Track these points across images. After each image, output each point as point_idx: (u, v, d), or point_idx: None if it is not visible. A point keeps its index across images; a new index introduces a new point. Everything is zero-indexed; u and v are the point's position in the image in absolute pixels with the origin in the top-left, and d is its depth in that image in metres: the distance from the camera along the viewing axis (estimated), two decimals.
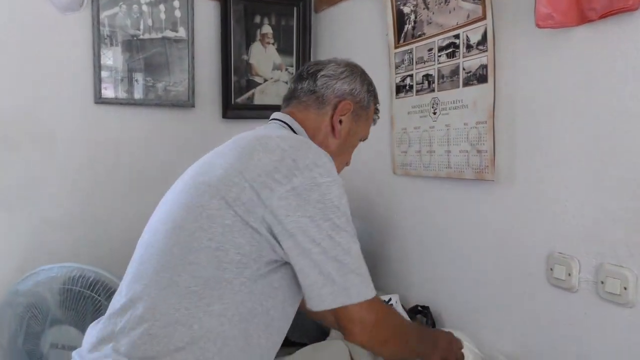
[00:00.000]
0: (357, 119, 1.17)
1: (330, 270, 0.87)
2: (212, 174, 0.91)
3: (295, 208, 0.87)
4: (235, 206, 0.87)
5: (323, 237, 0.87)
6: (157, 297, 0.86)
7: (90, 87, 1.87)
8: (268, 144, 0.92)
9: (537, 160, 1.26)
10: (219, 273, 0.86)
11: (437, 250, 1.62)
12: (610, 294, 1.09)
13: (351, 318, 0.89)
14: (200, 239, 0.87)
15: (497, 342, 1.40)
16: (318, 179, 0.89)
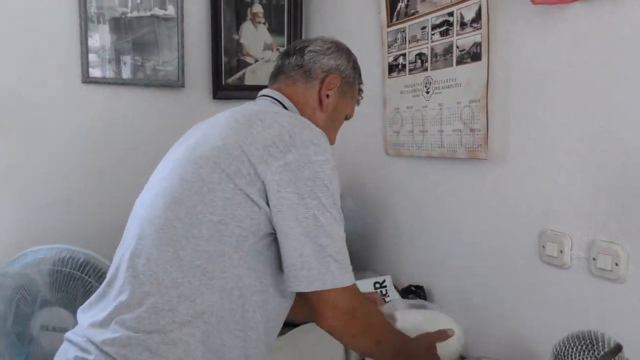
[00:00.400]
0: (343, 95, 1.18)
1: (309, 252, 0.88)
2: (209, 147, 0.91)
3: (287, 183, 0.88)
4: (236, 179, 0.87)
5: (308, 216, 0.88)
6: (161, 272, 0.86)
7: (78, 66, 1.84)
8: (266, 118, 0.93)
9: (530, 139, 1.25)
10: (221, 246, 0.87)
11: (430, 230, 1.62)
12: (601, 270, 1.10)
13: (324, 301, 0.90)
14: (202, 212, 0.87)
15: (488, 320, 1.41)
16: (312, 157, 0.90)
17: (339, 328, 0.93)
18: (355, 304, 0.94)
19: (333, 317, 0.91)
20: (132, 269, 0.89)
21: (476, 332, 1.46)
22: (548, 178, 1.22)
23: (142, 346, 0.83)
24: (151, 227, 0.90)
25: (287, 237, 0.89)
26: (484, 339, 1.44)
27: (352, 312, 0.93)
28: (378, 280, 1.70)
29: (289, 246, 0.89)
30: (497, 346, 1.38)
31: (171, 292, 0.85)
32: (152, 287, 0.86)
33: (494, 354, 1.33)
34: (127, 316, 0.85)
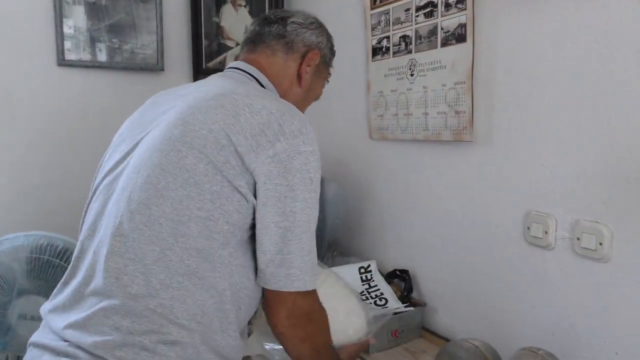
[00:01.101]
0: (318, 74, 1.14)
1: (292, 250, 0.84)
2: (193, 134, 0.83)
3: (276, 175, 0.83)
4: (224, 170, 0.82)
5: (295, 210, 0.84)
6: (147, 273, 0.80)
7: (53, 49, 1.78)
8: (253, 104, 0.86)
9: (516, 120, 1.26)
10: (210, 244, 0.82)
11: (415, 214, 1.62)
12: (585, 249, 1.11)
13: (284, 301, 0.87)
14: (189, 208, 0.81)
15: (474, 302, 1.42)
16: (301, 147, 0.85)
17: (290, 330, 0.89)
18: (315, 308, 0.92)
19: (288, 317, 0.88)
20: (113, 269, 0.81)
21: (461, 314, 1.47)
22: (533, 160, 1.22)
23: (138, 346, 0.78)
24: (132, 224, 0.82)
25: (267, 231, 0.84)
26: (468, 321, 1.44)
27: (310, 315, 0.91)
28: (363, 266, 1.70)
29: (269, 241, 0.84)
30: (481, 327, 1.39)
31: (161, 294, 0.80)
32: (140, 289, 0.80)
33: (479, 335, 1.33)
34: (116, 318, 0.79)
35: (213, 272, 0.83)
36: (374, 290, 1.63)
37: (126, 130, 0.98)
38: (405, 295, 1.59)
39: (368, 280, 1.67)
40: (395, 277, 1.67)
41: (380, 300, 1.59)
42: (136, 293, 0.79)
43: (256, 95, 0.90)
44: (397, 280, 1.67)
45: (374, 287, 1.64)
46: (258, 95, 0.90)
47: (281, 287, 0.85)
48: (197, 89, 0.93)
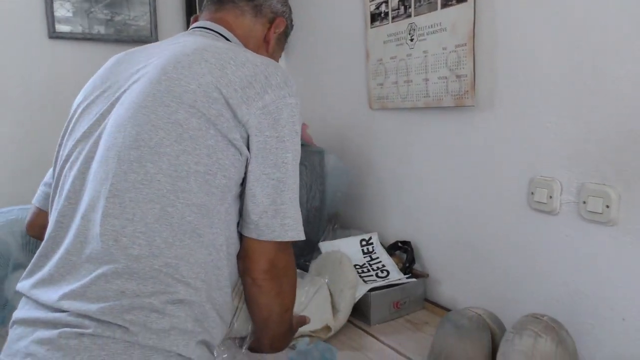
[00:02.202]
0: (278, 44, 1.11)
1: (286, 200, 0.84)
2: (181, 89, 0.80)
3: (266, 127, 0.82)
4: (218, 124, 0.80)
5: (286, 161, 0.83)
6: (150, 232, 0.76)
7: (43, 20, 1.74)
8: (238, 57, 0.85)
9: (519, 82, 1.21)
10: (209, 199, 0.80)
11: (416, 184, 1.58)
12: (591, 213, 1.07)
13: (267, 252, 0.84)
14: (187, 163, 0.78)
15: (477, 271, 1.39)
16: (287, 99, 0.85)
17: (269, 282, 0.87)
18: (291, 262, 0.91)
19: (269, 269, 0.86)
20: (110, 232, 0.76)
21: (464, 285, 1.44)
22: (537, 122, 1.18)
23: (147, 309, 0.75)
24: (126, 184, 0.78)
25: (260, 183, 0.83)
26: (472, 291, 1.42)
27: (286, 270, 0.89)
28: (364, 238, 1.67)
29: (262, 192, 0.83)
30: (485, 297, 1.36)
31: (166, 253, 0.77)
32: (143, 250, 0.76)
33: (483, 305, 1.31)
34: (119, 282, 0.75)
35: (211, 228, 0.81)
36: (376, 263, 1.60)
37: (93, 93, 0.93)
38: (407, 266, 1.56)
39: (369, 252, 1.64)
40: (397, 249, 1.64)
41: (381, 272, 1.56)
42: (139, 254, 0.76)
43: (237, 49, 0.88)
44: (399, 252, 1.64)
45: (375, 259, 1.62)
46: (241, 49, 0.89)
47: (276, 237, 0.83)
48: (171, 46, 0.90)
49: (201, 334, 0.80)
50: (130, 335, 0.73)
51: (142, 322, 0.74)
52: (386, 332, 1.39)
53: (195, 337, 0.78)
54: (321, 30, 1.95)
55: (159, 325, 0.75)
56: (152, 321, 0.75)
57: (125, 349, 0.73)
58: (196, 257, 0.79)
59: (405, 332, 1.40)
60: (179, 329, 0.77)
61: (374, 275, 1.55)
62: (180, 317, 0.77)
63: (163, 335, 0.75)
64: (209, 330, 0.82)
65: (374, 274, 1.56)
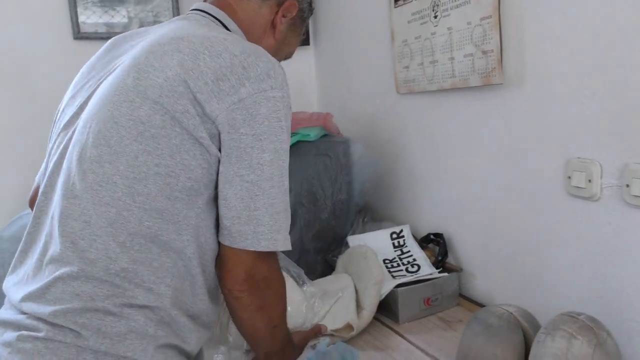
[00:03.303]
0: (293, 29, 1.01)
1: (260, 205, 0.75)
2: (147, 83, 0.74)
3: (240, 123, 0.74)
4: (183, 121, 0.73)
5: (262, 162, 0.75)
6: (105, 236, 0.73)
7: (67, 22, 1.75)
8: (214, 46, 0.76)
9: (550, 55, 1.09)
10: (172, 204, 0.74)
11: (447, 172, 1.48)
12: (636, 197, 0.94)
13: (243, 261, 0.77)
14: (146, 164, 0.73)
15: (511, 265, 1.28)
16: (268, 92, 0.76)
17: (248, 295, 0.79)
18: (274, 273, 0.82)
19: (247, 280, 0.78)
20: (69, 234, 0.73)
21: (500, 279, 1.33)
22: (571, 99, 1.06)
23: (102, 312, 0.71)
24: (84, 184, 0.74)
25: (232, 185, 0.75)
26: (508, 286, 1.31)
27: (268, 281, 0.81)
28: (395, 231, 1.58)
29: (234, 196, 0.75)
30: (522, 292, 1.25)
31: (122, 257, 0.72)
32: (99, 254, 0.72)
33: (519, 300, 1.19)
34: (75, 284, 0.72)
35: (179, 234, 0.75)
36: (407, 257, 1.51)
37: (80, 82, 0.89)
38: (439, 260, 1.46)
39: (400, 246, 1.55)
40: (429, 242, 1.54)
41: (412, 266, 1.47)
42: (95, 258, 0.72)
43: (217, 37, 0.79)
44: (431, 245, 1.54)
45: (406, 252, 1.53)
46: (220, 37, 0.79)
47: (248, 245, 0.75)
48: (155, 32, 0.84)
49: (165, 337, 0.75)
50: (81, 340, 0.69)
51: (95, 325, 0.70)
52: (415, 331, 1.31)
53: (155, 342, 0.73)
54: (346, 14, 1.86)
55: (114, 329, 0.71)
56: (107, 325, 0.71)
57: (77, 353, 0.69)
58: (161, 261, 0.74)
59: (436, 330, 1.31)
60: (137, 333, 0.72)
61: (404, 270, 1.46)
62: (138, 321, 0.72)
63: (117, 339, 0.71)
64: (179, 335, 0.77)
65: (403, 269, 1.47)
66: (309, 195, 1.58)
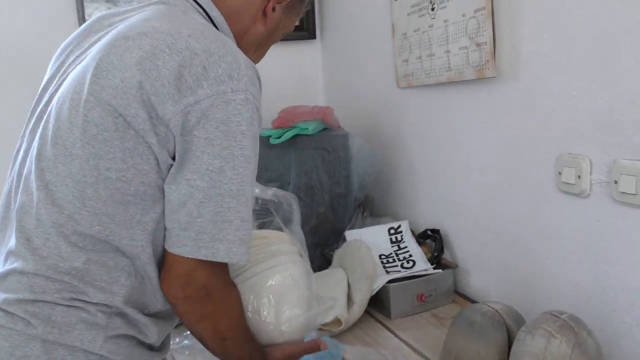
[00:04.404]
0: (289, 12, 0.96)
1: (205, 212, 0.71)
2: (104, 82, 0.72)
3: (193, 126, 0.70)
4: (135, 125, 0.70)
5: (213, 168, 0.71)
6: (55, 235, 0.72)
7: (74, 13, 1.77)
8: (176, 44, 0.71)
9: (543, 47, 1.06)
10: (124, 209, 0.72)
11: (444, 167, 1.46)
12: (623, 194, 0.91)
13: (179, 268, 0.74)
14: (97, 168, 0.71)
15: (507, 261, 1.25)
16: (228, 95, 0.71)
17: (184, 303, 0.76)
18: (216, 284, 0.77)
19: (183, 288, 0.75)
20: (24, 229, 0.74)
21: (494, 276, 1.31)
22: (563, 93, 1.03)
23: (52, 302, 0.71)
24: (40, 182, 0.74)
25: (178, 187, 0.72)
26: (501, 283, 1.28)
27: (209, 291, 0.76)
28: (393, 226, 1.57)
29: (177, 200, 0.72)
30: (514, 290, 1.23)
31: (74, 257, 0.72)
32: (51, 252, 0.72)
33: (511, 298, 1.17)
34: (27, 278, 0.72)
35: (132, 240, 0.73)
36: (403, 252, 1.50)
37: (53, 67, 0.87)
38: (435, 256, 1.44)
39: (398, 241, 1.54)
40: (427, 238, 1.52)
41: (407, 262, 1.46)
42: (47, 256, 0.72)
43: (181, 33, 0.74)
44: (429, 241, 1.52)
45: (403, 248, 1.51)
46: (185, 33, 0.74)
47: (185, 252, 0.72)
48: (128, 19, 0.81)
49: (119, 329, 0.74)
50: (30, 328, 0.70)
51: (45, 314, 0.71)
52: (407, 327, 1.29)
53: (106, 332, 0.73)
54: (351, 7, 1.85)
55: (64, 319, 0.71)
56: (57, 314, 0.71)
57: (26, 341, 0.70)
58: (116, 261, 0.73)
59: (427, 327, 1.29)
60: (88, 323, 0.72)
61: (399, 265, 1.45)
62: (90, 312, 0.72)
63: (66, 329, 0.71)
64: (137, 328, 0.76)
65: (399, 265, 1.45)
66: (306, 189, 1.58)
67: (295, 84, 2.10)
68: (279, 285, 0.90)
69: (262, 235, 1.02)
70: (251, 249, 0.95)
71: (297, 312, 0.90)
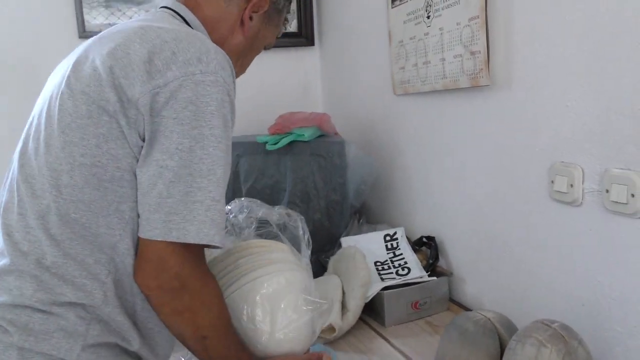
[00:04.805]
0: (268, 22, 0.98)
1: (175, 192, 0.70)
2: (79, 73, 0.74)
3: (161, 106, 0.71)
4: (108, 109, 0.72)
5: (183, 148, 0.71)
6: (36, 228, 0.73)
7: (73, 19, 1.78)
8: (146, 34, 0.74)
9: (536, 57, 1.06)
10: (101, 195, 0.72)
11: (439, 174, 1.46)
12: (615, 203, 0.91)
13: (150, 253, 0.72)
14: (72, 155, 0.72)
15: (501, 269, 1.25)
16: (197, 76, 0.72)
17: (158, 293, 0.74)
18: (191, 272, 0.74)
19: (156, 277, 0.73)
20: (7, 226, 0.75)
21: (488, 284, 1.31)
22: (557, 102, 1.03)
23: (31, 308, 0.71)
24: (21, 176, 0.76)
25: (148, 169, 0.71)
26: (495, 291, 1.28)
27: (183, 280, 0.73)
28: (389, 233, 1.57)
29: (147, 181, 0.71)
30: (508, 298, 1.22)
31: (52, 251, 0.72)
32: (31, 246, 0.72)
33: (505, 307, 1.17)
34: (9, 279, 0.72)
35: (110, 228, 0.73)
36: (398, 259, 1.50)
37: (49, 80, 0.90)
38: (430, 263, 1.44)
39: (393, 248, 1.54)
40: (422, 245, 1.52)
41: (402, 269, 1.46)
42: (27, 250, 0.72)
43: (152, 26, 0.77)
44: (424, 248, 1.52)
45: (398, 255, 1.51)
46: (156, 25, 0.77)
47: (156, 235, 0.71)
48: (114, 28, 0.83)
49: (99, 336, 0.74)
50: (7, 336, 0.70)
51: (23, 322, 0.71)
52: (401, 335, 1.29)
53: (85, 340, 0.73)
54: (349, 14, 1.86)
55: (42, 327, 0.71)
56: (35, 322, 0.71)
57: (3, 349, 0.70)
58: (95, 257, 0.73)
59: (421, 335, 1.29)
60: (66, 331, 0.72)
61: (394, 272, 1.45)
62: (69, 319, 0.72)
63: (43, 337, 0.71)
64: (119, 334, 0.76)
65: (394, 272, 1.45)
66: (302, 195, 1.58)
67: (294, 90, 2.11)
68: (274, 291, 0.88)
69: (262, 243, 1.02)
70: (250, 256, 0.96)
71: (293, 316, 0.88)
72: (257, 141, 1.60)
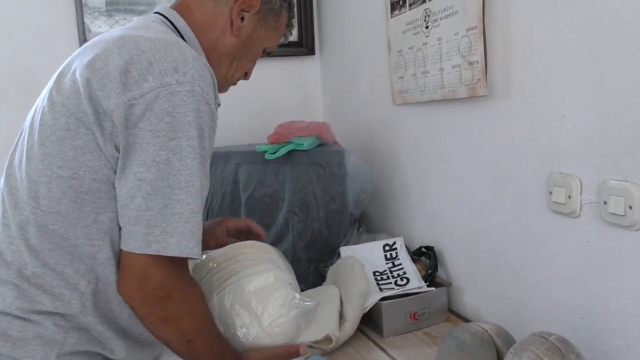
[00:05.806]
0: (263, 23, 0.96)
1: (154, 205, 0.71)
2: (60, 86, 0.75)
3: (137, 118, 0.71)
4: (85, 121, 0.72)
5: (160, 160, 0.70)
6: (17, 239, 0.74)
7: (74, 28, 1.79)
8: (125, 44, 0.74)
9: (534, 68, 1.06)
10: (78, 207, 0.73)
11: (438, 184, 1.45)
12: (613, 215, 0.91)
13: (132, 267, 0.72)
14: (50, 167, 0.73)
15: (500, 280, 1.24)
16: (173, 87, 0.71)
17: (142, 304, 0.74)
18: (174, 282, 0.75)
19: (139, 288, 0.73)
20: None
21: (487, 295, 1.30)
22: (554, 112, 1.03)
23: (11, 315, 0.72)
24: (6, 187, 0.77)
25: (126, 182, 0.71)
26: (494, 303, 1.27)
27: (167, 290, 0.74)
28: (388, 243, 1.56)
29: (126, 194, 0.72)
30: (506, 310, 1.21)
31: (32, 261, 0.73)
32: (14, 257, 0.73)
33: (503, 319, 1.16)
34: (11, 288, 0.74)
35: (89, 239, 0.74)
36: (397, 270, 1.49)
37: None
38: (429, 274, 1.43)
39: (392, 258, 1.53)
40: (421, 255, 1.52)
41: (401, 280, 1.45)
42: (10, 260, 0.74)
43: (132, 35, 0.77)
44: (424, 258, 1.51)
45: (397, 265, 1.51)
46: (136, 34, 0.77)
47: (136, 248, 0.71)
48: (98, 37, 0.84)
49: (76, 345, 0.74)
50: None
51: (2, 328, 0.72)
52: (399, 346, 1.28)
53: (61, 348, 0.73)
54: (350, 24, 1.86)
55: (20, 334, 0.72)
56: (14, 328, 0.72)
57: None
58: (75, 267, 0.74)
59: (420, 346, 1.28)
60: (43, 339, 0.72)
61: (393, 283, 1.44)
62: (46, 327, 0.73)
63: (20, 344, 0.71)
64: (101, 343, 0.76)
65: (392, 282, 1.45)
66: (301, 204, 1.58)
67: (294, 98, 2.11)
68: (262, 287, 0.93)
69: (253, 244, 1.07)
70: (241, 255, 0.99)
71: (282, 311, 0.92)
72: (257, 150, 1.60)
